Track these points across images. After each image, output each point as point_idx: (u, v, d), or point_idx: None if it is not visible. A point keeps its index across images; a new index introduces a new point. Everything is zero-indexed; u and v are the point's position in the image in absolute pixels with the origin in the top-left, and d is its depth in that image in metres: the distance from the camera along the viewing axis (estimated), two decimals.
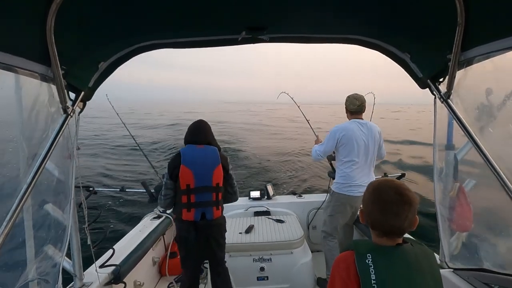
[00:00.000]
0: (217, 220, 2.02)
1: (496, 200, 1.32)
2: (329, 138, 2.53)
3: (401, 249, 0.96)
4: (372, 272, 0.89)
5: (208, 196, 1.96)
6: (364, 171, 2.50)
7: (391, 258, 0.94)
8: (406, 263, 0.93)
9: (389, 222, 0.95)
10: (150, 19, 1.30)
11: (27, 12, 0.95)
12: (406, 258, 0.94)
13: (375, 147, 2.51)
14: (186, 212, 1.93)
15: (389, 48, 1.59)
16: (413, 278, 0.91)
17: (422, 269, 0.93)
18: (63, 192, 1.35)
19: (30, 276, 1.17)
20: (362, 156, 2.46)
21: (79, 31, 1.21)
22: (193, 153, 1.97)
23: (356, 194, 2.47)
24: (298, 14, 1.33)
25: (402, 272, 0.91)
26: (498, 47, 1.08)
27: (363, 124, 2.51)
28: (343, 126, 2.51)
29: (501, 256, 1.42)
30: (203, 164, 1.96)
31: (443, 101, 1.37)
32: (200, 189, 1.93)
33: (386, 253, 0.95)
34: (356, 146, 2.45)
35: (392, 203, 0.94)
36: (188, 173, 1.90)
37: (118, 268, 1.93)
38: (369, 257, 0.92)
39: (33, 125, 1.20)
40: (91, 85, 1.48)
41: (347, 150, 2.46)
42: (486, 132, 1.27)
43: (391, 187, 0.97)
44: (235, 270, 2.27)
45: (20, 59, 1.05)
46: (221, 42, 1.53)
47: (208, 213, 1.96)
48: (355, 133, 2.45)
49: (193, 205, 1.92)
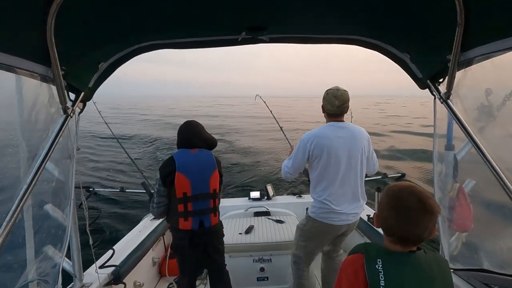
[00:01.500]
0: (215, 227, 1.96)
1: (496, 200, 1.32)
2: (298, 149, 1.94)
3: (413, 256, 0.92)
4: (381, 278, 0.87)
5: (206, 203, 1.88)
6: (347, 193, 1.88)
7: (402, 265, 0.91)
8: (417, 271, 0.90)
9: (407, 231, 0.91)
10: (150, 20, 1.31)
11: (27, 13, 0.96)
12: (419, 266, 0.91)
13: (362, 159, 1.88)
14: (183, 221, 1.82)
15: (388, 48, 1.59)
16: (422, 283, 0.89)
17: (434, 277, 0.91)
18: (63, 193, 1.35)
19: (30, 277, 1.16)
20: (343, 172, 1.85)
21: (79, 31, 1.21)
22: (187, 159, 1.86)
23: (338, 223, 1.90)
24: (298, 14, 1.34)
25: (412, 280, 0.89)
26: (498, 47, 1.08)
27: (342, 128, 1.89)
28: (315, 133, 1.91)
29: (501, 257, 1.42)
30: (199, 170, 1.86)
31: (442, 101, 1.37)
32: (198, 197, 1.84)
33: (397, 260, 0.92)
34: (333, 159, 1.84)
35: (412, 211, 0.89)
36: (185, 181, 1.79)
37: (118, 269, 1.93)
38: (379, 263, 0.90)
39: (33, 125, 1.20)
40: (91, 86, 1.49)
41: (322, 165, 1.86)
42: (486, 132, 1.27)
43: (413, 193, 0.91)
44: (235, 270, 2.27)
45: (20, 60, 1.05)
46: (221, 42, 1.54)
47: (206, 221, 1.88)
48: (331, 142, 1.85)
49: (191, 213, 1.82)
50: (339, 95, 1.86)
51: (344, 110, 1.91)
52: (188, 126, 1.96)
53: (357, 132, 1.91)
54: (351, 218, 1.93)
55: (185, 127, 1.96)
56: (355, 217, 1.96)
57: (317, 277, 2.70)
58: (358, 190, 1.92)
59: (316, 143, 1.86)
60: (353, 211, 1.92)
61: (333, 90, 1.89)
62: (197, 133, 1.95)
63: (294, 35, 1.57)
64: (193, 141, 1.91)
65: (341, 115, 1.93)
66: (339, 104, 1.86)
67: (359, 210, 1.96)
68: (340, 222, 1.89)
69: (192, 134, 1.93)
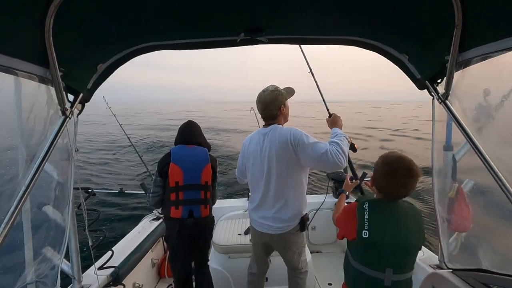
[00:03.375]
0: (205, 219, 2.03)
1: (494, 200, 1.32)
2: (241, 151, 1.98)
3: (392, 202, 1.26)
4: (366, 214, 1.24)
5: (197, 194, 1.98)
6: (266, 200, 1.79)
7: (383, 207, 1.26)
8: (393, 209, 1.25)
9: (397, 191, 1.24)
10: (149, 21, 1.31)
11: (26, 14, 0.95)
12: (396, 208, 1.26)
13: (279, 163, 1.70)
14: (174, 209, 1.94)
15: (387, 49, 1.60)
16: (397, 220, 1.23)
17: (407, 216, 1.25)
18: (61, 194, 1.35)
19: (28, 279, 1.16)
20: (258, 178, 1.80)
21: (78, 32, 1.21)
22: (183, 152, 2.01)
23: (260, 230, 1.85)
24: (297, 15, 1.34)
25: (390, 216, 1.24)
26: (495, 48, 1.08)
27: (265, 135, 1.77)
28: (249, 137, 1.92)
29: (499, 257, 1.42)
30: (192, 162, 1.99)
31: (441, 102, 1.37)
32: (189, 187, 1.96)
33: (380, 203, 1.28)
34: (251, 166, 1.84)
35: (402, 177, 1.21)
36: (177, 171, 1.93)
37: (117, 270, 1.92)
38: (365, 205, 1.26)
39: (31, 126, 1.20)
40: (89, 87, 1.48)
41: (247, 169, 1.91)
42: (484, 132, 1.28)
43: (402, 163, 1.22)
44: (234, 271, 2.27)
45: (19, 61, 1.05)
46: (220, 43, 1.54)
47: (196, 211, 1.97)
48: (252, 149, 1.83)
49: (181, 202, 1.94)
50: (262, 97, 1.77)
51: (271, 113, 1.78)
52: (189, 125, 2.15)
53: (277, 134, 1.71)
54: (270, 229, 1.80)
55: (186, 126, 2.14)
56: (275, 230, 1.79)
57: (316, 278, 2.70)
58: (273, 200, 1.76)
59: (246, 148, 1.90)
60: (268, 222, 1.80)
61: (260, 92, 1.80)
62: (195, 132, 2.13)
63: (293, 36, 1.57)
64: (190, 138, 2.09)
65: (271, 119, 1.81)
66: (263, 107, 1.77)
67: (278, 224, 1.78)
68: (263, 229, 1.84)
69: (191, 132, 2.11)
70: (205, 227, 2.08)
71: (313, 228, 3.24)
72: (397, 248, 1.21)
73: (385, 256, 1.21)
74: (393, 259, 1.22)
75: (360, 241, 1.22)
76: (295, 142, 1.65)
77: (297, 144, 1.65)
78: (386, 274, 1.21)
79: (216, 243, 2.47)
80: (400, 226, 1.22)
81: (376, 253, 1.22)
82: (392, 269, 1.21)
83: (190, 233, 1.98)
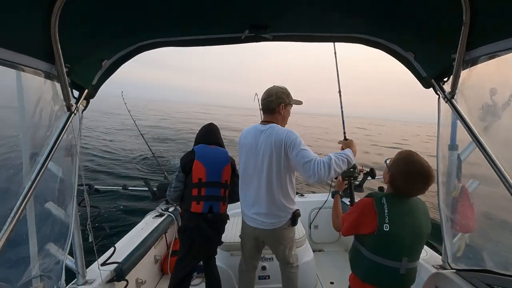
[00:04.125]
0: (222, 215, 2.14)
1: (499, 201, 1.31)
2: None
3: (405, 197, 1.33)
4: (385, 208, 1.28)
5: (218, 191, 2.08)
6: (258, 196, 1.81)
7: (400, 201, 1.33)
8: (407, 203, 1.32)
9: (411, 192, 1.31)
10: (154, 17, 1.30)
11: (31, 10, 0.96)
12: (410, 203, 1.33)
13: (270, 161, 1.73)
14: (196, 204, 2.01)
15: (392, 47, 1.58)
16: (412, 213, 1.31)
17: (418, 209, 1.33)
18: (65, 190, 1.36)
19: (33, 273, 1.17)
20: (250, 174, 1.84)
21: (83, 29, 1.21)
22: (205, 150, 2.11)
23: (252, 225, 1.89)
24: (302, 12, 1.33)
25: (405, 209, 1.31)
26: (503, 46, 1.07)
27: (261, 131, 1.80)
28: (245, 130, 1.96)
29: (504, 257, 1.41)
30: (215, 161, 2.09)
31: (447, 100, 1.36)
32: (211, 184, 2.05)
33: (396, 198, 1.34)
34: (244, 160, 1.89)
35: (421, 182, 1.27)
36: (201, 168, 2.02)
37: (120, 266, 1.94)
38: (384, 199, 1.31)
39: (36, 122, 1.21)
40: (94, 83, 1.49)
41: (240, 163, 1.95)
42: (490, 132, 1.26)
43: (423, 168, 1.26)
44: (236, 268, 2.27)
45: (24, 57, 1.06)
46: (224, 40, 1.53)
47: (216, 207, 2.06)
48: (247, 143, 1.86)
49: (203, 198, 2.02)
50: (268, 89, 1.87)
51: (270, 105, 1.82)
52: (211, 127, 2.29)
53: (271, 136, 1.74)
54: (262, 224, 1.83)
55: (207, 127, 2.29)
56: (267, 225, 1.83)
57: (318, 276, 2.70)
58: (273, 193, 1.78)
59: (242, 141, 1.94)
60: (260, 218, 1.83)
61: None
62: (216, 133, 2.26)
63: (297, 33, 1.57)
64: (211, 138, 2.21)
65: (269, 112, 1.86)
66: (264, 96, 1.86)
67: (270, 220, 1.82)
68: (255, 224, 1.86)
69: (212, 133, 2.24)
70: (222, 222, 2.17)
71: (316, 227, 3.24)
72: (415, 239, 1.29)
73: (402, 246, 1.29)
74: (410, 248, 1.30)
75: (380, 234, 1.27)
76: (288, 142, 1.69)
77: (289, 145, 1.69)
78: (403, 263, 1.28)
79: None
80: (415, 218, 1.31)
81: (396, 245, 1.29)
82: (407, 258, 1.29)
83: (209, 227, 2.05)
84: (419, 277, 1.90)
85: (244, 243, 2.08)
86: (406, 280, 1.31)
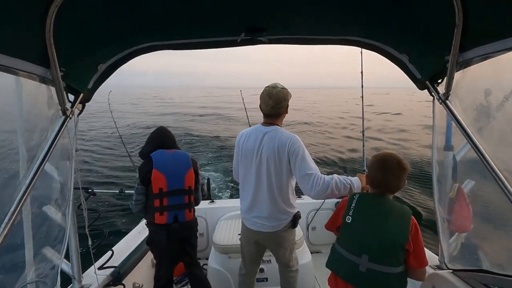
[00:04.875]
0: (189, 223, 2.05)
1: (495, 201, 1.32)
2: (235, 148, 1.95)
3: (381, 197, 1.37)
4: (353, 204, 1.39)
5: (181, 199, 1.98)
6: (258, 199, 1.79)
7: (370, 199, 1.41)
8: (380, 203, 1.37)
9: (388, 183, 1.36)
10: (149, 21, 1.31)
11: (26, 14, 0.95)
12: (381, 203, 1.36)
13: (272, 164, 1.71)
14: (159, 215, 1.92)
15: (387, 49, 1.60)
16: (381, 216, 1.34)
17: (391, 215, 1.33)
18: (62, 194, 1.35)
19: (28, 278, 1.16)
20: (251, 177, 1.80)
21: (78, 33, 1.21)
22: (164, 157, 1.97)
23: (253, 228, 1.86)
24: (297, 15, 1.34)
25: (374, 209, 1.36)
26: (496, 48, 1.08)
27: (266, 134, 1.74)
28: (245, 132, 1.88)
29: (500, 257, 1.42)
30: (175, 167, 1.97)
31: (441, 102, 1.37)
32: (173, 192, 1.94)
33: (369, 196, 1.43)
34: (245, 162, 1.82)
35: (393, 169, 1.34)
36: (161, 177, 1.90)
37: (117, 270, 1.92)
38: (355, 196, 1.42)
39: (32, 126, 1.20)
40: (90, 87, 1.48)
41: (240, 166, 1.88)
42: (484, 133, 1.28)
43: (392, 157, 1.37)
44: (234, 271, 2.27)
45: (19, 61, 1.05)
46: (220, 43, 1.54)
47: (181, 216, 1.97)
48: (249, 146, 1.79)
49: (166, 208, 1.92)
50: (274, 93, 1.71)
51: (280, 111, 1.76)
52: (163, 130, 2.16)
53: (276, 140, 1.70)
54: (263, 227, 1.81)
55: (161, 130, 2.15)
56: (268, 228, 1.81)
57: (316, 278, 2.70)
58: (266, 199, 1.76)
59: (241, 144, 1.85)
60: (261, 221, 1.81)
61: (269, 87, 1.74)
62: (171, 136, 2.14)
63: (293, 36, 1.58)
64: (168, 142, 2.08)
65: (275, 117, 1.79)
66: (273, 103, 1.72)
67: (271, 223, 1.80)
68: (255, 227, 1.84)
69: (166, 137, 2.11)
70: (191, 230, 2.10)
71: (313, 229, 3.24)
72: (375, 240, 1.30)
73: (362, 242, 1.33)
74: (368, 245, 1.31)
75: (344, 226, 1.40)
76: (291, 150, 1.67)
77: (292, 153, 1.67)
78: (362, 259, 1.30)
79: (216, 243, 2.47)
80: (381, 218, 1.33)
81: (355, 237, 1.36)
82: (367, 256, 1.29)
83: (177, 237, 1.98)
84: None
85: (244, 246, 2.04)
86: (368, 281, 1.29)
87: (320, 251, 3.23)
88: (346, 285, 1.36)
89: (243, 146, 1.84)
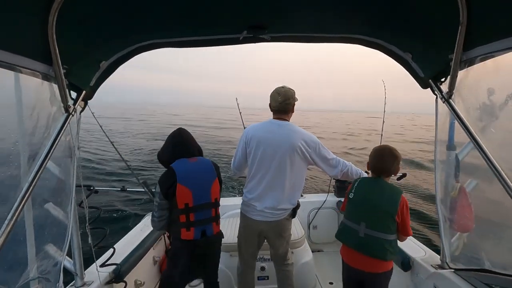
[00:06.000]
0: (216, 236, 1.89)
1: (497, 200, 1.31)
2: (239, 141, 1.98)
3: (378, 178, 1.68)
4: (355, 186, 1.72)
5: (208, 213, 1.81)
6: (269, 190, 1.87)
7: (369, 181, 1.72)
8: (376, 183, 1.67)
9: (382, 166, 1.66)
10: (151, 19, 1.30)
11: (29, 11, 0.96)
12: (377, 183, 1.66)
13: (288, 159, 1.83)
14: (186, 231, 1.75)
15: (390, 47, 1.59)
16: (375, 192, 1.62)
17: (384, 192, 1.61)
18: (64, 191, 1.35)
19: (31, 275, 1.17)
20: (265, 167, 1.86)
21: (81, 30, 1.21)
22: (187, 168, 1.77)
23: (257, 218, 1.92)
24: (300, 13, 1.33)
25: (371, 188, 1.66)
26: (500, 47, 1.07)
27: (280, 126, 1.88)
28: (254, 125, 1.97)
29: (502, 257, 1.42)
30: (200, 180, 1.79)
31: (444, 101, 1.37)
32: (200, 207, 1.77)
33: (368, 179, 1.75)
34: (260, 152, 1.86)
35: (385, 155, 1.66)
36: (186, 192, 1.71)
37: (118, 267, 1.93)
38: (359, 179, 1.76)
39: (34, 124, 1.20)
40: (92, 84, 1.49)
41: (252, 156, 1.92)
42: (487, 132, 1.27)
43: (386, 147, 1.71)
44: (235, 269, 2.27)
45: (22, 58, 1.05)
46: (222, 41, 1.53)
47: (209, 230, 1.81)
48: (264, 135, 1.87)
49: (193, 224, 1.76)
50: (282, 91, 1.90)
51: (288, 107, 1.91)
52: (184, 133, 1.88)
53: (293, 131, 1.85)
54: (269, 216, 1.91)
55: (181, 134, 1.87)
56: (273, 217, 1.91)
57: (317, 276, 2.70)
58: (284, 189, 1.87)
59: (252, 134, 1.92)
60: (269, 210, 1.89)
61: (278, 87, 1.94)
62: (191, 141, 1.89)
63: (295, 34, 1.57)
64: (190, 149, 1.85)
65: (284, 113, 1.93)
66: (282, 99, 1.88)
67: (277, 211, 1.90)
68: (260, 218, 1.92)
69: (187, 142, 1.86)
70: (217, 244, 1.94)
71: (315, 227, 3.24)
72: (371, 208, 1.60)
73: (360, 212, 1.64)
74: (365, 214, 1.61)
75: (348, 201, 1.72)
76: (309, 142, 1.86)
77: (310, 146, 1.86)
78: (360, 226, 1.61)
79: None
80: (376, 194, 1.62)
81: (356, 210, 1.67)
82: (365, 223, 1.60)
83: (201, 252, 1.84)
84: (418, 277, 1.91)
85: (245, 241, 2.06)
86: (365, 243, 1.59)
87: (322, 250, 3.24)
88: (349, 250, 1.67)
89: (255, 136, 1.90)
